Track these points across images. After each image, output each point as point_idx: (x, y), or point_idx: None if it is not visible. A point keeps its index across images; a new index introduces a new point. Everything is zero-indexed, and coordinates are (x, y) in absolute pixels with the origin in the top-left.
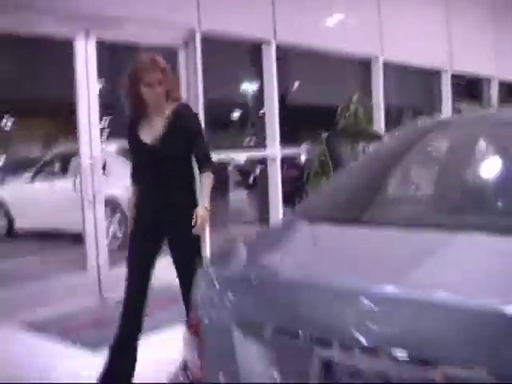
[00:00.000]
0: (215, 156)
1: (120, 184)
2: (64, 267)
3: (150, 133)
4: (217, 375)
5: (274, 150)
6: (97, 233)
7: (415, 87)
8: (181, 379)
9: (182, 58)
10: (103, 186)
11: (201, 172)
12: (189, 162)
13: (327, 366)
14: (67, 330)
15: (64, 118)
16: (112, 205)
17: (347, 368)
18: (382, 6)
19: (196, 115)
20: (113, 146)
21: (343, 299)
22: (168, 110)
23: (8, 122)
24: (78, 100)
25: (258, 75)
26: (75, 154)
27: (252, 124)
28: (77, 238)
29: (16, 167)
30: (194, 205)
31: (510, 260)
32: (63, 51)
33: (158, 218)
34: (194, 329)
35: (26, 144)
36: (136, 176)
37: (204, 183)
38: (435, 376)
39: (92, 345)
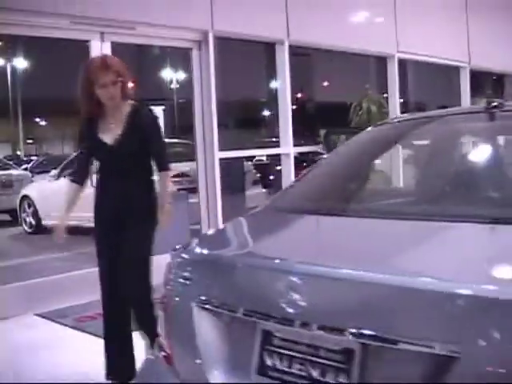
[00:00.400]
0: (234, 154)
1: None
2: (85, 262)
3: (108, 133)
4: (180, 350)
5: (287, 147)
6: None
7: (435, 83)
8: (155, 357)
9: (195, 58)
10: None
11: (158, 171)
12: (148, 161)
13: (267, 336)
14: (80, 320)
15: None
16: None
17: (282, 337)
18: (398, 3)
19: (154, 115)
20: None
21: (276, 280)
22: (125, 109)
23: (40, 122)
24: None
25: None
26: None
27: (269, 122)
28: None
29: (46, 165)
30: (154, 204)
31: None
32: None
33: (120, 216)
34: (164, 307)
35: (57, 143)
36: (81, 176)
37: (160, 183)
38: (351, 344)
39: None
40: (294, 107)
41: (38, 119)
